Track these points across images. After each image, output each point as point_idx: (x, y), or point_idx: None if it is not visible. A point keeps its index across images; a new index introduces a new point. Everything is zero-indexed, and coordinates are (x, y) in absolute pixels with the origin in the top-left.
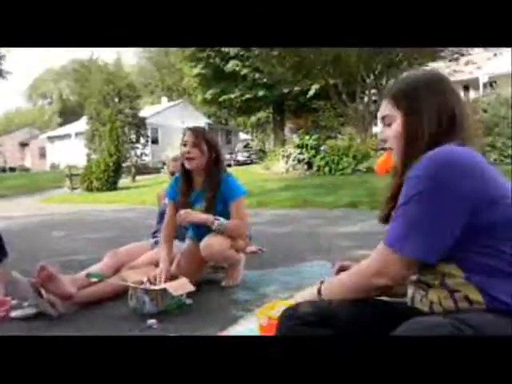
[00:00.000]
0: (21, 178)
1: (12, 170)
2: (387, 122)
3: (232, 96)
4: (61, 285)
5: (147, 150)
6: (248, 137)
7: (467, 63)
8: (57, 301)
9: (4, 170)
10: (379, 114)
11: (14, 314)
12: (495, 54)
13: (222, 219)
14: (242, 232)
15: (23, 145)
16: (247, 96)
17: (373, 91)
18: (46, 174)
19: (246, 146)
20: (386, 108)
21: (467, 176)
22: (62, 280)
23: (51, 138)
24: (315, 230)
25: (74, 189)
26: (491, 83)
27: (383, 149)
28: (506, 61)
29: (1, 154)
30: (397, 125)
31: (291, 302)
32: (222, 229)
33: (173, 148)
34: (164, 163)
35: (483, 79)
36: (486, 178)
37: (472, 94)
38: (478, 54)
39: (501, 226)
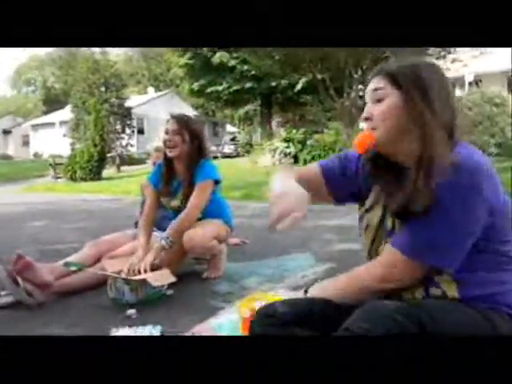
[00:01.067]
0: (3, 166)
1: None
2: (379, 96)
3: (219, 88)
4: (38, 273)
5: (133, 141)
6: (235, 129)
7: (453, 61)
8: (34, 290)
9: None
10: (370, 88)
11: None
12: (481, 53)
13: (163, 234)
14: (191, 220)
15: (6, 132)
16: (235, 88)
17: (360, 87)
18: (29, 163)
19: (232, 139)
20: (380, 83)
21: (491, 180)
22: (40, 269)
23: (35, 126)
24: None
25: (57, 178)
26: (476, 82)
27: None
28: (490, 59)
29: None
30: (392, 101)
31: (273, 294)
32: (170, 242)
33: (159, 139)
34: (149, 154)
35: (469, 78)
36: (499, 182)
37: (458, 92)
38: (464, 52)
39: (497, 228)
